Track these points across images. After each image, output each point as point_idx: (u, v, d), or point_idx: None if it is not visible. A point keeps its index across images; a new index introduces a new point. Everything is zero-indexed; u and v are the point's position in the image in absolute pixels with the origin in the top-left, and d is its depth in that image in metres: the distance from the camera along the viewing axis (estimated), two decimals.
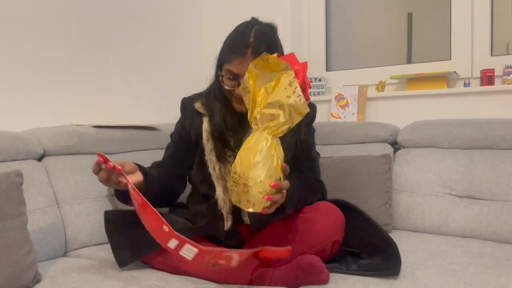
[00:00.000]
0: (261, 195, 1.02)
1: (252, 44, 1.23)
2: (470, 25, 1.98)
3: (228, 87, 1.28)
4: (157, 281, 1.15)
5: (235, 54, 1.24)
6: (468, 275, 1.14)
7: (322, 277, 1.13)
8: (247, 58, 1.22)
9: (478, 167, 1.60)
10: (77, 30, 1.93)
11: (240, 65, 1.23)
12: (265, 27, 1.29)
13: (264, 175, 1.01)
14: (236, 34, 1.27)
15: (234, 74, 1.25)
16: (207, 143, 1.34)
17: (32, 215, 1.39)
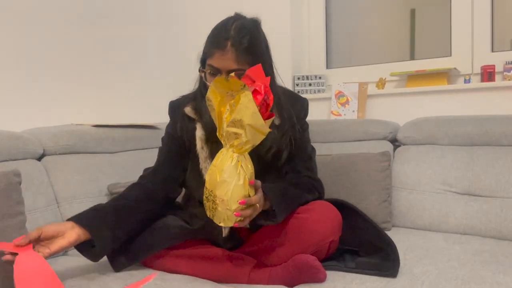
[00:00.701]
0: (229, 212, 1.04)
1: (232, 37, 1.20)
2: (471, 21, 1.97)
3: (209, 83, 1.23)
4: (155, 279, 1.15)
5: (216, 48, 1.21)
6: (466, 272, 1.13)
7: (319, 276, 1.13)
8: (227, 51, 1.19)
9: (478, 164, 1.59)
10: (78, 30, 1.94)
11: (221, 59, 1.20)
12: (247, 21, 1.26)
13: (230, 193, 1.03)
14: (216, 29, 1.25)
15: (215, 69, 1.22)
16: (202, 151, 1.31)
17: (31, 215, 1.40)
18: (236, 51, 1.19)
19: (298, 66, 2.37)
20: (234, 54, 1.19)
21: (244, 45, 1.20)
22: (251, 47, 1.21)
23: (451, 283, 1.07)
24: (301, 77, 2.30)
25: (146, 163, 1.58)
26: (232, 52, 1.19)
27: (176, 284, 1.13)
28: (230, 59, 1.20)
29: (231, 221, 1.06)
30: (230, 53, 1.19)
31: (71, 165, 1.63)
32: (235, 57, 1.20)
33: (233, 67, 1.20)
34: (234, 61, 1.20)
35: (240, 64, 1.20)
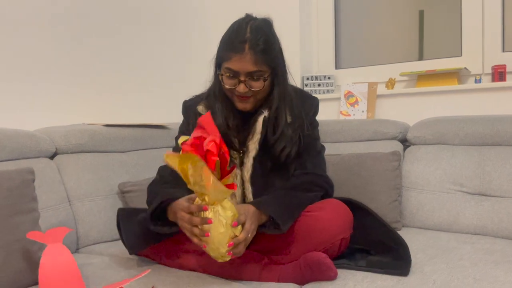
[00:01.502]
0: (222, 253, 1.08)
1: (249, 39, 1.22)
2: (481, 21, 1.96)
3: (228, 86, 1.27)
4: (168, 276, 1.16)
5: (233, 51, 1.22)
6: (477, 271, 1.13)
7: (330, 273, 1.13)
8: (246, 54, 1.21)
9: (489, 164, 1.59)
10: (90, 30, 1.96)
11: (239, 62, 1.22)
12: (260, 22, 1.28)
13: (216, 241, 1.07)
14: (232, 31, 1.26)
15: (233, 72, 1.24)
16: None
17: (44, 212, 1.41)
18: (254, 53, 1.21)
19: (307, 66, 2.37)
20: (253, 56, 1.22)
21: (261, 47, 1.22)
22: (268, 48, 1.24)
23: (463, 282, 1.07)
24: (310, 78, 2.30)
25: (157, 163, 1.58)
26: (250, 54, 1.21)
27: (188, 280, 1.14)
28: (249, 62, 1.22)
29: (225, 258, 1.10)
30: (248, 55, 1.21)
31: (83, 163, 1.64)
32: (253, 59, 1.22)
33: (252, 69, 1.23)
34: (253, 63, 1.22)
35: (258, 66, 1.23)
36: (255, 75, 1.24)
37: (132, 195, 1.65)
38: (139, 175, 1.76)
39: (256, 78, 1.25)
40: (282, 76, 1.33)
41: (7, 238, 1.10)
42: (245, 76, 1.24)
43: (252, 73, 1.23)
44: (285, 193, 1.25)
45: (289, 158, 1.32)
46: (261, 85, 1.26)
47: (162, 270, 1.23)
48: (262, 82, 1.26)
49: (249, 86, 1.25)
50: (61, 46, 1.85)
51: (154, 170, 1.49)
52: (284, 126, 1.31)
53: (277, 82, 1.31)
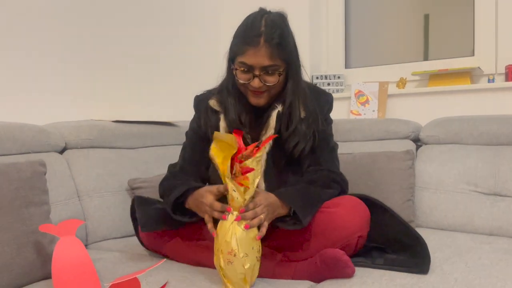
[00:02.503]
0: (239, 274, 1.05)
1: (264, 32, 1.19)
2: (494, 21, 1.94)
3: (242, 80, 1.25)
4: (179, 272, 1.14)
5: (248, 45, 1.20)
6: (499, 270, 1.10)
7: (347, 271, 1.10)
8: (261, 47, 1.19)
9: (504, 164, 1.56)
10: (100, 27, 1.94)
11: (254, 56, 1.20)
12: (275, 16, 1.26)
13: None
14: (247, 25, 1.24)
15: (248, 66, 1.22)
16: None
17: (54, 207, 1.39)
18: (269, 47, 1.19)
19: (317, 65, 2.36)
20: (268, 50, 1.19)
21: (276, 40, 1.19)
22: (283, 42, 1.21)
23: (486, 281, 1.04)
24: (320, 77, 2.28)
25: (165, 160, 1.57)
26: (265, 48, 1.19)
27: (202, 277, 1.11)
28: (264, 55, 1.20)
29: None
30: (263, 49, 1.19)
31: (92, 159, 1.62)
32: (269, 53, 1.19)
33: (267, 63, 1.20)
34: (268, 57, 1.20)
35: (273, 60, 1.21)
36: (270, 69, 1.22)
37: (142, 192, 1.63)
38: (148, 172, 1.74)
39: (271, 73, 1.23)
40: (296, 70, 1.30)
41: (19, 230, 1.08)
42: (260, 71, 1.22)
43: (267, 68, 1.21)
44: (305, 186, 1.22)
45: (302, 154, 1.30)
46: (275, 79, 1.24)
47: (175, 265, 1.21)
48: (277, 77, 1.24)
49: (263, 81, 1.23)
50: (70, 42, 1.84)
51: (163, 167, 1.47)
52: (298, 122, 1.29)
53: (291, 77, 1.28)
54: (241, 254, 1.02)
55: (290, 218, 1.15)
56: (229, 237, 1.03)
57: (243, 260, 1.02)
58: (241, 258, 1.02)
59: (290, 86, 1.29)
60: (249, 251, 1.03)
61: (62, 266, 0.97)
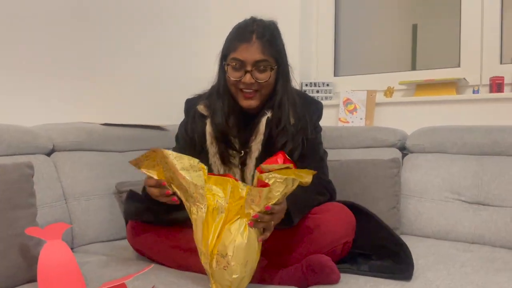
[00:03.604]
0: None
1: (256, 30, 1.26)
2: (480, 33, 1.99)
3: (234, 77, 1.27)
4: (167, 277, 1.14)
5: (241, 42, 1.25)
6: (480, 277, 1.13)
7: (333, 277, 1.12)
8: (253, 43, 1.24)
9: (487, 173, 1.60)
10: (88, 30, 1.94)
11: (246, 50, 1.24)
12: (266, 21, 1.32)
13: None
14: (239, 27, 1.30)
15: (240, 61, 1.25)
16: (211, 146, 1.33)
17: (40, 209, 1.37)
18: (261, 43, 1.24)
19: (306, 73, 2.38)
20: (260, 45, 1.24)
21: (267, 37, 1.25)
22: (273, 40, 1.27)
23: None
24: (309, 84, 2.30)
25: None
26: (257, 43, 1.24)
27: (189, 282, 1.12)
28: (256, 50, 1.24)
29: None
30: (256, 44, 1.24)
31: (80, 162, 1.62)
32: (261, 48, 1.24)
33: (258, 58, 1.24)
34: (260, 52, 1.24)
35: (265, 55, 1.25)
36: (261, 64, 1.25)
37: None
38: (136, 176, 1.73)
39: (262, 69, 1.26)
40: (286, 73, 1.34)
41: (5, 232, 1.07)
42: (252, 66, 1.25)
43: (258, 62, 1.25)
44: (298, 188, 1.23)
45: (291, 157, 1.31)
46: (267, 76, 1.27)
47: (162, 270, 1.21)
48: (268, 74, 1.27)
49: (255, 77, 1.26)
50: (60, 43, 1.83)
51: None
52: (287, 123, 1.31)
53: (281, 77, 1.32)
54: (232, 263, 1.01)
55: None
56: (228, 242, 1.02)
57: (233, 269, 1.02)
58: (232, 266, 1.02)
59: (280, 86, 1.32)
60: (241, 262, 1.02)
61: (48, 269, 0.97)
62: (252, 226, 1.03)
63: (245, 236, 1.02)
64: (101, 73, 2.00)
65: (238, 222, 1.03)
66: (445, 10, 2.18)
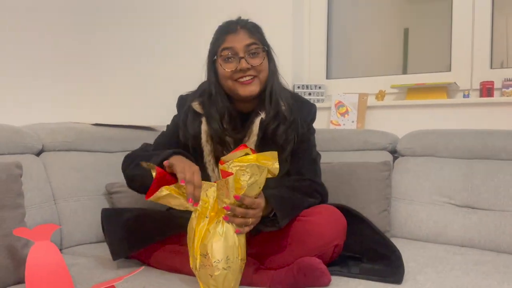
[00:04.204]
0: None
1: (240, 21, 1.31)
2: (471, 38, 2.00)
3: (228, 69, 1.28)
4: (157, 278, 1.13)
5: (227, 33, 1.29)
6: (470, 280, 1.13)
7: (323, 279, 1.12)
8: (239, 31, 1.28)
9: (477, 177, 1.61)
10: (78, 29, 1.92)
11: (234, 38, 1.28)
12: (250, 21, 1.35)
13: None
14: (222, 24, 1.34)
15: (231, 50, 1.27)
16: (206, 144, 1.33)
17: (28, 210, 1.36)
18: (246, 29, 1.30)
19: (299, 75, 2.38)
20: (246, 31, 1.29)
21: (251, 24, 1.32)
22: (257, 28, 1.33)
23: None
24: (301, 86, 2.31)
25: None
26: (243, 30, 1.29)
27: (179, 284, 1.11)
28: (244, 36, 1.28)
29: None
30: (242, 31, 1.29)
31: (69, 162, 1.60)
32: (248, 33, 1.29)
33: (248, 42, 1.28)
34: (248, 37, 1.28)
35: (253, 39, 1.29)
36: (252, 48, 1.28)
37: (120, 196, 1.62)
38: None
39: (254, 52, 1.28)
40: (274, 64, 1.35)
41: None
42: (244, 52, 1.27)
43: (249, 46, 1.27)
44: (287, 190, 1.23)
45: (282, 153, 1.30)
46: (260, 59, 1.29)
47: (152, 272, 1.20)
48: (261, 57, 1.29)
49: (249, 63, 1.27)
50: (50, 43, 1.81)
51: None
52: (278, 105, 1.32)
53: (270, 64, 1.34)
54: (213, 260, 1.02)
55: (267, 219, 1.16)
56: (207, 240, 1.03)
57: (215, 267, 1.02)
58: (212, 264, 1.02)
59: (270, 70, 1.34)
60: (221, 258, 1.02)
61: (36, 271, 0.96)
62: (227, 220, 1.04)
63: (222, 232, 1.03)
64: (92, 73, 1.99)
65: (216, 220, 1.05)
66: (436, 15, 2.20)
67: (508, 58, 2.02)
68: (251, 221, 1.08)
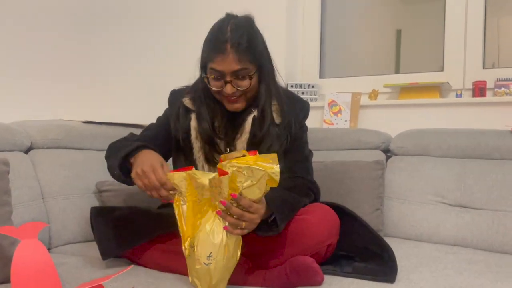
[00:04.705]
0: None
1: (230, 38, 1.20)
2: (463, 39, 2.01)
3: (215, 87, 1.25)
4: (146, 277, 1.11)
5: (216, 52, 1.20)
6: (463, 279, 1.13)
7: (317, 278, 1.11)
8: (228, 53, 1.19)
9: (470, 176, 1.61)
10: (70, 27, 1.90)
11: (223, 62, 1.20)
12: (241, 20, 1.26)
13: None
14: (213, 32, 1.25)
15: (218, 72, 1.22)
16: (196, 141, 1.31)
17: (16, 208, 1.33)
18: (236, 52, 1.19)
19: (292, 74, 2.37)
20: (235, 56, 1.20)
21: (243, 45, 1.20)
22: (250, 45, 1.22)
23: None
24: (294, 85, 2.30)
25: None
26: (232, 54, 1.19)
27: (169, 283, 1.09)
28: (232, 61, 1.20)
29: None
30: (231, 55, 1.19)
31: (59, 160, 1.58)
32: (236, 58, 1.20)
33: (236, 68, 1.21)
34: (236, 62, 1.20)
35: (242, 64, 1.21)
36: (240, 74, 1.22)
37: (110, 195, 1.59)
38: None
39: (241, 77, 1.23)
40: (268, 73, 1.31)
41: None
42: (231, 76, 1.22)
43: (237, 72, 1.21)
44: (283, 193, 1.22)
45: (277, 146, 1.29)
46: (247, 83, 1.24)
47: (141, 271, 1.18)
48: (248, 81, 1.24)
49: (236, 86, 1.23)
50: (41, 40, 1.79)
51: None
52: (271, 124, 1.29)
53: (263, 80, 1.29)
54: (196, 253, 1.02)
55: (265, 223, 1.14)
56: (196, 233, 1.03)
57: (197, 260, 1.02)
58: (195, 257, 1.02)
59: (263, 89, 1.29)
60: (205, 255, 1.01)
61: (22, 270, 0.93)
62: (220, 215, 1.03)
63: (210, 228, 1.02)
64: (82, 71, 1.96)
65: (208, 214, 1.04)
66: (429, 15, 2.20)
67: (499, 58, 2.03)
68: (244, 225, 1.04)
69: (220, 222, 1.03)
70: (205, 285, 1.04)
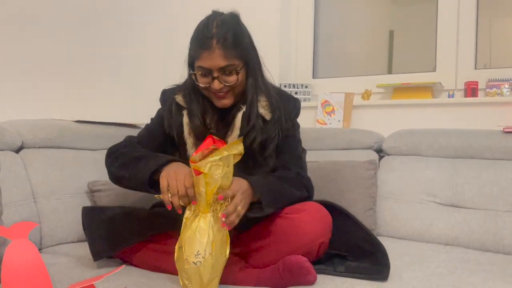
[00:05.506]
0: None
1: (216, 34, 1.20)
2: (456, 39, 2.02)
3: (202, 84, 1.25)
4: (138, 277, 1.10)
5: (202, 49, 1.21)
6: (455, 278, 1.13)
7: (309, 278, 1.10)
8: (214, 49, 1.19)
9: (462, 176, 1.62)
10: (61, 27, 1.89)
11: (209, 58, 1.20)
12: (227, 16, 1.27)
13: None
14: (199, 29, 1.25)
15: (205, 69, 1.22)
16: (189, 137, 1.31)
17: (7, 209, 1.33)
18: (222, 48, 1.20)
19: (286, 74, 2.38)
20: (222, 52, 1.20)
21: (229, 41, 1.20)
22: (236, 41, 1.22)
23: None
24: (288, 85, 2.30)
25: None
26: (218, 49, 1.20)
27: (161, 283, 1.08)
28: (218, 57, 1.20)
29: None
30: (217, 51, 1.20)
31: (50, 159, 1.56)
32: (223, 54, 1.20)
33: (222, 64, 1.21)
34: (223, 58, 1.21)
35: (228, 60, 1.22)
36: (227, 69, 1.22)
37: (102, 195, 1.58)
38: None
39: (228, 73, 1.23)
40: (255, 68, 1.31)
41: None
42: (218, 72, 1.22)
43: (223, 68, 1.22)
44: (273, 179, 1.22)
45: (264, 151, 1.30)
46: (234, 79, 1.24)
47: (133, 271, 1.17)
48: (235, 76, 1.24)
49: (223, 81, 1.23)
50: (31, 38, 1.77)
51: None
52: (257, 118, 1.29)
53: (250, 75, 1.29)
54: (185, 253, 1.02)
55: (255, 206, 1.14)
56: (183, 233, 1.03)
57: (185, 260, 1.01)
58: (183, 257, 1.02)
59: (250, 84, 1.29)
60: (193, 253, 1.01)
61: (12, 270, 0.92)
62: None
63: (196, 227, 1.02)
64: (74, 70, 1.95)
65: (195, 214, 1.05)
66: (421, 16, 2.22)
67: (491, 59, 2.05)
68: (241, 209, 1.08)
69: (205, 220, 1.03)
70: (196, 285, 1.03)
